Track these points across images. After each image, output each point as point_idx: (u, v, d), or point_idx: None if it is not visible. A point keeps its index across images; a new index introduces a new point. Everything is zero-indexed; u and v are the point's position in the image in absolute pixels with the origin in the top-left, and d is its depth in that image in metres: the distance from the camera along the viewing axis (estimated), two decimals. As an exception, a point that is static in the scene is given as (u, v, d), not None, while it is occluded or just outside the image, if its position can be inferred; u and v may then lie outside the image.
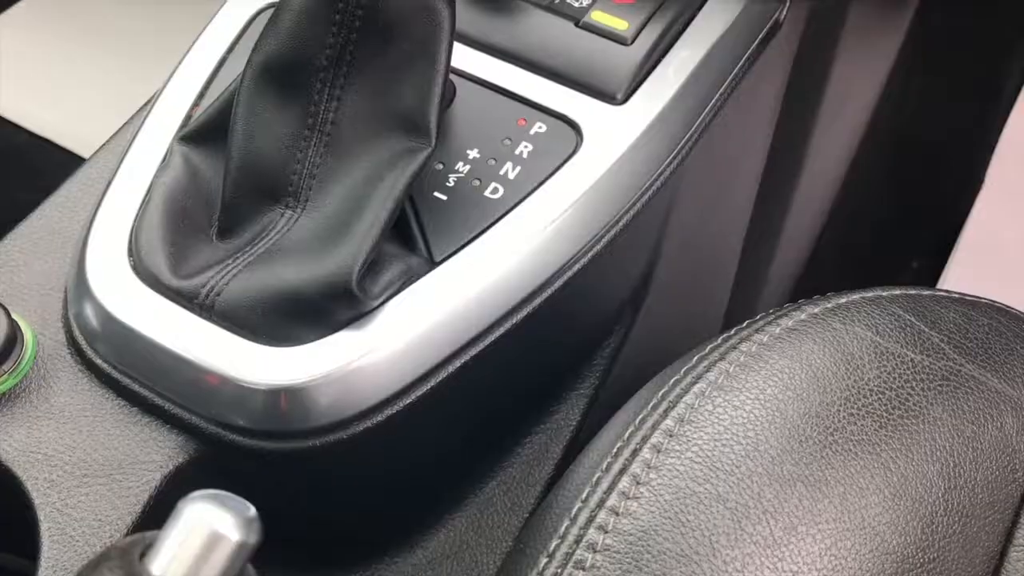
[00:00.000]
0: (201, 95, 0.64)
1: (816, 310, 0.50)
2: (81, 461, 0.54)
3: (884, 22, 0.94)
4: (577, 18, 0.66)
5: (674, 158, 0.65)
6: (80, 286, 0.58)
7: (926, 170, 1.25)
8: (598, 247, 0.61)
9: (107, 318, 0.56)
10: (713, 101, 0.67)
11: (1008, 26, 1.23)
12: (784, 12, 0.70)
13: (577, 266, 0.60)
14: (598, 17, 0.66)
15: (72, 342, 0.58)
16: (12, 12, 1.56)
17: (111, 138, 0.69)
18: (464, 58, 0.65)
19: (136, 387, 0.56)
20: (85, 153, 1.33)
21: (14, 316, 0.56)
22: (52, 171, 1.31)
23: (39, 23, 1.55)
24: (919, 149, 1.24)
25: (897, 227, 1.27)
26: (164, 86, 0.66)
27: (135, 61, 1.47)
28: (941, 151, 1.26)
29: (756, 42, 0.69)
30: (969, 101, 1.28)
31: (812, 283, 1.10)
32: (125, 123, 0.69)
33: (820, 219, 1.08)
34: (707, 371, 0.47)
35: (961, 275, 1.19)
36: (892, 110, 1.10)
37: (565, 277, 0.60)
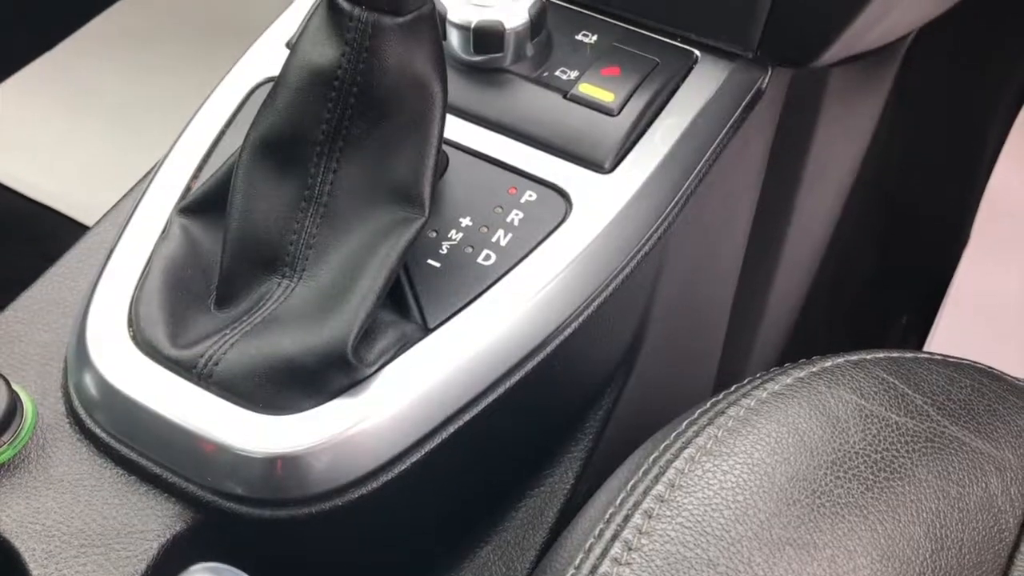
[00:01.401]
0: (200, 167, 0.66)
1: (802, 374, 0.51)
2: (79, 531, 0.54)
3: (865, 85, 0.97)
4: (565, 90, 0.69)
5: (661, 224, 0.67)
6: (80, 356, 0.59)
7: (912, 227, 1.27)
8: (588, 312, 0.62)
9: (106, 388, 0.57)
10: (698, 168, 0.69)
11: (988, 85, 1.26)
12: (766, 80, 0.73)
13: (568, 331, 0.61)
14: (585, 89, 0.68)
15: (71, 412, 0.59)
16: (13, 80, 1.59)
17: (112, 209, 0.70)
18: (456, 129, 0.67)
19: (134, 456, 0.57)
20: (84, 219, 1.35)
21: (14, 387, 0.57)
22: (52, 237, 1.33)
23: (39, 90, 1.58)
24: (904, 207, 1.26)
25: (885, 284, 1.29)
26: (164, 159, 0.68)
27: (134, 129, 1.50)
28: (926, 208, 1.29)
29: (739, 110, 0.71)
30: (952, 159, 1.31)
31: (802, 342, 1.11)
32: (125, 194, 0.71)
33: (808, 279, 1.09)
34: (696, 436, 0.48)
35: (950, 331, 1.20)
36: (876, 169, 1.12)
37: (557, 342, 0.61)
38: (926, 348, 1.12)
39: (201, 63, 1.55)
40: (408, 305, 0.60)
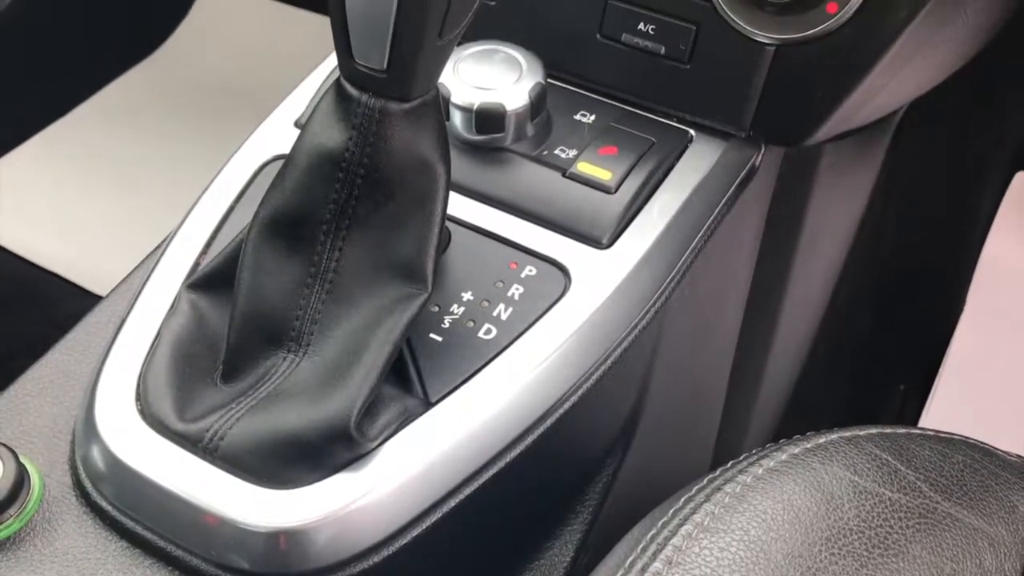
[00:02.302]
0: (209, 243, 0.68)
1: (796, 450, 0.52)
2: (83, 604, 0.55)
3: (858, 159, 0.99)
4: (564, 168, 0.71)
5: (659, 298, 0.68)
6: (88, 429, 0.60)
7: (907, 296, 1.28)
8: (587, 385, 0.63)
9: (113, 461, 0.58)
10: (694, 243, 0.71)
11: (978, 154, 1.28)
12: (760, 158, 0.75)
13: (568, 404, 0.62)
14: (583, 168, 0.70)
15: (78, 484, 0.60)
16: (24, 146, 1.62)
17: (122, 282, 0.72)
18: (459, 205, 0.69)
19: (139, 529, 0.58)
20: (92, 286, 1.37)
21: (22, 459, 0.58)
22: (59, 304, 1.35)
23: (49, 157, 1.61)
24: (899, 276, 1.28)
25: (882, 352, 1.30)
26: (175, 233, 0.69)
27: (142, 197, 1.52)
28: (921, 277, 1.30)
29: (734, 186, 0.74)
30: (946, 227, 1.33)
31: (800, 412, 1.12)
32: (135, 267, 0.73)
33: (805, 348, 1.11)
34: (693, 513, 0.49)
35: (947, 401, 1.21)
36: (871, 239, 1.14)
37: (557, 415, 0.62)
38: (924, 418, 1.12)
39: (210, 132, 1.58)
40: (410, 379, 0.61)
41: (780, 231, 0.87)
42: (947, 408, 1.14)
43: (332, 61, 0.80)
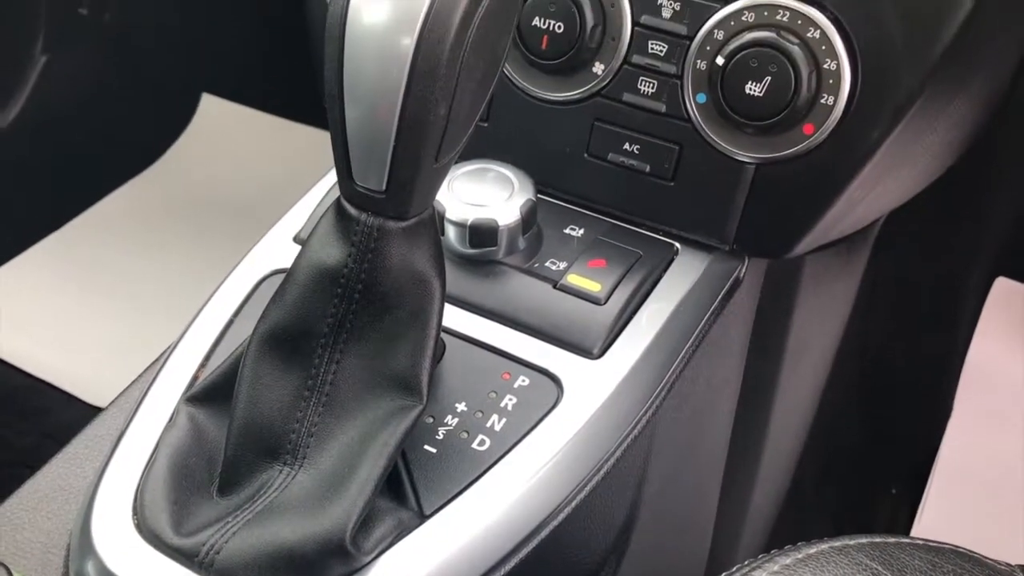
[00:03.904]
0: (208, 356, 0.69)
1: (787, 561, 0.53)
2: None
3: (840, 268, 1.02)
4: (555, 280, 0.73)
5: (649, 407, 0.69)
6: (84, 544, 0.60)
7: (895, 400, 1.29)
8: (581, 497, 0.64)
9: (108, 576, 0.58)
10: (683, 352, 0.72)
11: (959, 260, 1.32)
12: (744, 270, 0.77)
13: (561, 516, 0.63)
14: (573, 280, 0.72)
15: (71, 600, 0.60)
16: (20, 257, 1.64)
17: (120, 395, 0.73)
18: (453, 317, 0.71)
19: (132, 646, 0.57)
20: (85, 395, 1.37)
21: (15, 575, 0.58)
22: (52, 414, 1.35)
23: (45, 268, 1.63)
24: (886, 381, 1.29)
25: (873, 456, 1.30)
26: (175, 346, 0.71)
27: (137, 307, 1.54)
28: (908, 381, 1.32)
29: (719, 297, 0.76)
30: (930, 331, 1.35)
31: (793, 517, 1.12)
32: (134, 380, 0.74)
33: (796, 453, 1.11)
34: (687, 626, 0.49)
35: (939, 504, 1.21)
36: (856, 346, 1.16)
37: (550, 527, 0.62)
38: (916, 524, 1.12)
39: (208, 244, 1.61)
40: (405, 492, 0.61)
41: (766, 340, 0.89)
42: (939, 513, 1.14)
43: (331, 178, 0.83)
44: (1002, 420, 1.32)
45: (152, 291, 1.55)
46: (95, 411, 0.73)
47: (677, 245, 0.77)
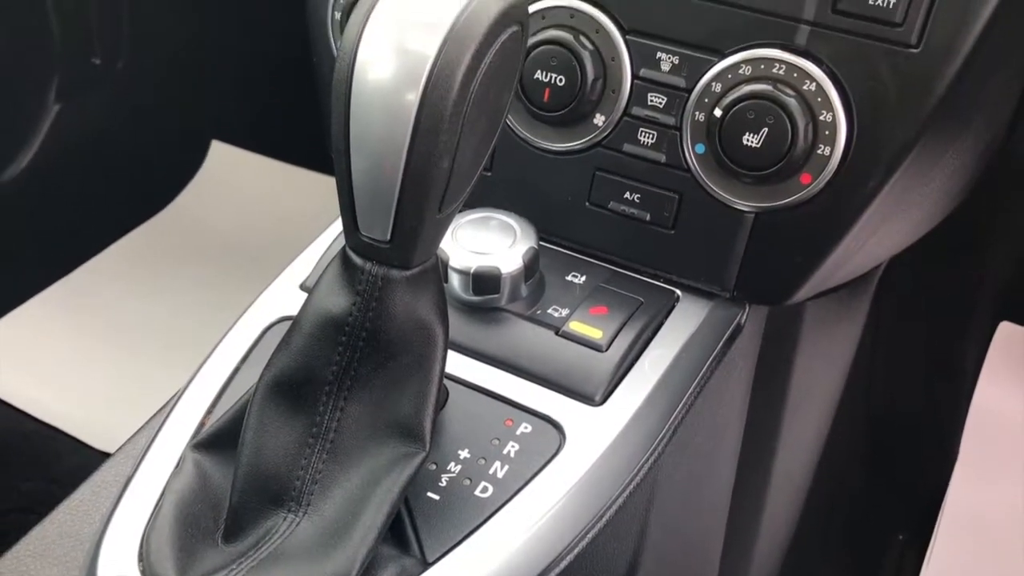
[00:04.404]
0: (214, 403, 0.70)
1: (789, 608, 0.53)
2: None
3: (842, 314, 1.02)
4: (557, 327, 0.74)
5: (652, 453, 0.70)
6: (89, 591, 0.60)
7: (901, 445, 1.29)
8: (584, 543, 0.64)
9: (112, 623, 0.58)
10: (685, 399, 0.73)
11: (962, 304, 1.32)
12: (744, 316, 0.78)
13: (563, 564, 0.63)
14: (575, 327, 0.73)
15: (75, 648, 0.60)
16: (29, 302, 1.65)
17: (127, 442, 0.73)
18: (456, 364, 0.72)
19: None
20: (92, 440, 1.37)
21: (20, 623, 0.58)
22: (58, 460, 1.35)
23: (52, 314, 1.64)
24: (891, 426, 1.29)
25: (880, 501, 1.30)
26: (181, 393, 0.71)
27: (145, 354, 1.54)
28: (913, 426, 1.32)
29: (721, 344, 0.76)
30: (934, 376, 1.35)
31: (799, 563, 1.11)
32: (141, 427, 0.74)
33: (801, 499, 1.11)
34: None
35: (947, 549, 1.20)
36: (860, 390, 1.16)
37: (554, 574, 0.63)
38: (924, 569, 1.11)
39: (215, 291, 1.62)
40: (408, 539, 0.62)
41: (769, 385, 0.89)
42: (947, 560, 1.13)
43: (337, 226, 0.84)
44: (1009, 465, 1.31)
45: (160, 337, 1.56)
46: (102, 457, 0.73)
47: (678, 292, 0.78)
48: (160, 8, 1.81)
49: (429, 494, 0.64)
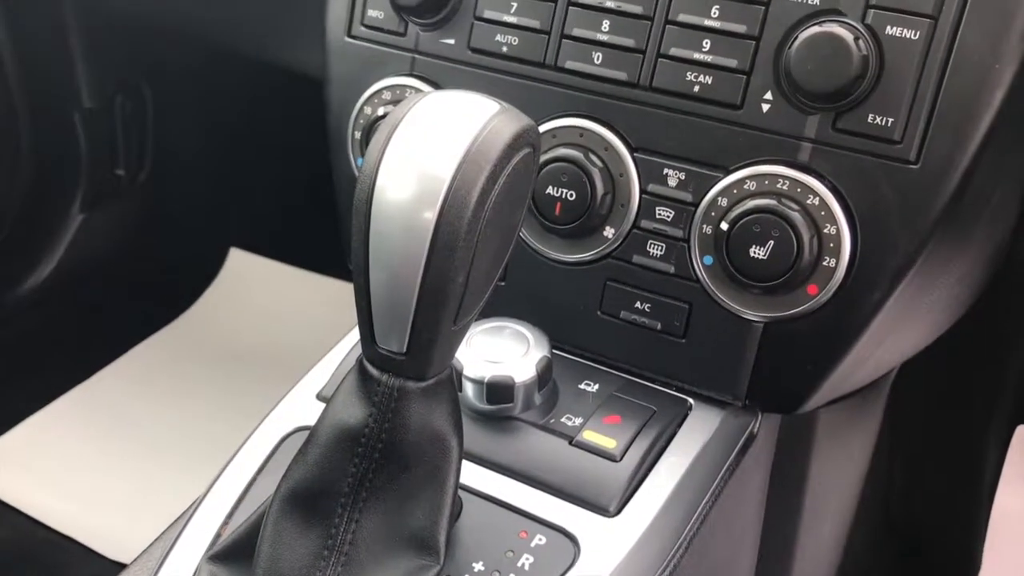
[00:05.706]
0: (231, 513, 0.70)
1: None
2: None
3: (855, 421, 1.02)
4: (570, 436, 0.74)
5: (667, 565, 0.69)
6: None
7: (922, 554, 1.27)
8: (599, 661, 0.63)
9: None
10: (699, 509, 0.73)
11: (978, 409, 1.31)
12: (757, 425, 0.78)
13: None
14: (589, 436, 0.74)
15: None
16: (44, 409, 1.66)
17: (143, 552, 0.73)
18: (470, 474, 0.72)
19: None
20: (105, 550, 1.36)
21: None
22: (68, 569, 1.34)
23: (68, 421, 1.65)
24: (911, 534, 1.27)
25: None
26: (199, 503, 0.72)
27: (160, 462, 1.54)
28: (934, 534, 1.29)
29: (734, 453, 0.77)
30: (952, 484, 1.34)
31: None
32: (157, 537, 0.74)
33: (820, 611, 1.09)
34: None
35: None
36: (879, 498, 1.15)
37: None
38: None
39: (233, 398, 1.63)
40: (422, 655, 0.61)
41: (784, 494, 0.89)
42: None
43: (354, 335, 0.85)
44: (1033, 574, 1.29)
45: (176, 445, 1.56)
46: (118, 567, 0.73)
47: (691, 400, 0.78)
48: (182, 124, 1.87)
49: (444, 607, 0.64)
